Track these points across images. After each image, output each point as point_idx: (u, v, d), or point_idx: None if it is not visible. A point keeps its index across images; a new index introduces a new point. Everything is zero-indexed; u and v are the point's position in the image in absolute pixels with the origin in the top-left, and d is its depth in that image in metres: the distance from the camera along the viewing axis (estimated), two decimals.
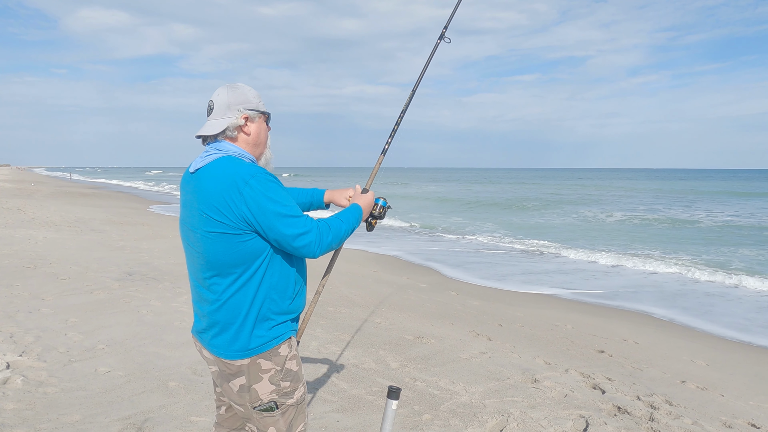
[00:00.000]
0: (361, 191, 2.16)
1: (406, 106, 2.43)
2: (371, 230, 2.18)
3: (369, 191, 2.15)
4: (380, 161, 2.35)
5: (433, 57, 2.53)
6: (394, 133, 2.38)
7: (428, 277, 9.93)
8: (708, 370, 5.43)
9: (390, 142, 2.37)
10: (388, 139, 2.38)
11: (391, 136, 2.38)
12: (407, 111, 2.45)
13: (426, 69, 2.49)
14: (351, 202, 2.06)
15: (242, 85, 1.88)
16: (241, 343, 1.75)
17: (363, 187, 2.20)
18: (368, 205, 2.09)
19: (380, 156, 2.36)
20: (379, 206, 2.16)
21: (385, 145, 2.37)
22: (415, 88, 2.46)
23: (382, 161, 2.37)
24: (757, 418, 4.05)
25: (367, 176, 2.37)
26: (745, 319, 8.02)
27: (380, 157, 2.36)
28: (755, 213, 27.40)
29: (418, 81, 2.45)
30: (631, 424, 3.65)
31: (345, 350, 4.90)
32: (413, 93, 2.45)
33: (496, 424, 3.50)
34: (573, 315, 7.55)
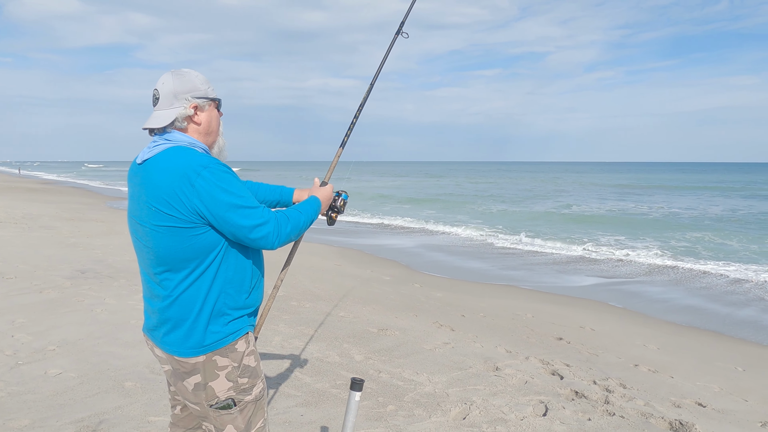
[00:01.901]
0: (320, 184, 2.14)
1: (365, 99, 2.45)
2: (332, 224, 2.16)
3: (328, 184, 2.14)
4: (339, 154, 2.36)
5: (391, 51, 2.55)
6: (353, 126, 2.40)
7: (392, 270, 9.97)
8: (659, 353, 5.67)
9: (349, 134, 2.39)
10: (347, 132, 2.39)
11: (349, 129, 2.40)
12: (369, 104, 2.47)
13: (384, 63, 2.51)
14: (309, 195, 2.03)
15: (189, 71, 1.80)
16: (196, 340, 1.70)
17: (322, 180, 2.18)
18: (327, 197, 2.07)
19: (339, 149, 2.37)
20: (341, 199, 2.15)
21: (344, 137, 2.37)
22: (373, 82, 2.48)
23: (341, 154, 2.37)
24: (703, 397, 4.27)
25: (337, 170, 2.37)
26: (694, 303, 8.42)
27: (339, 150, 2.36)
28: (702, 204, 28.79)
29: (375, 75, 2.47)
30: (587, 408, 3.78)
31: (309, 344, 4.86)
32: (371, 87, 2.47)
33: (459, 413, 3.55)
34: (534, 304, 7.74)
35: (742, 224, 19.81)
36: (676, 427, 3.58)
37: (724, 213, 24.10)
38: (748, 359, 5.75)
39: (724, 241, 15.35)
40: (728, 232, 17.50)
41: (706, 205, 28.37)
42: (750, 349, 6.23)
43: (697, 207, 27.12)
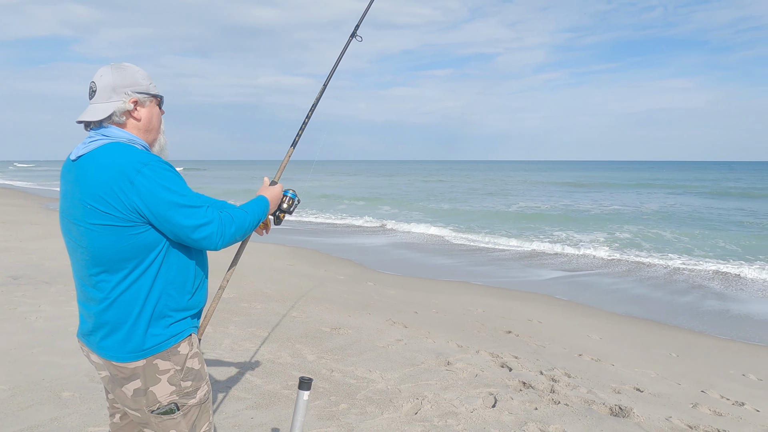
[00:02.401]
0: (269, 183, 2.10)
1: (317, 100, 2.46)
2: (279, 224, 2.13)
3: (277, 183, 2.11)
4: (290, 154, 2.36)
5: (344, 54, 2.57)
6: (304, 126, 2.40)
7: (346, 269, 9.95)
8: (601, 343, 5.93)
9: (300, 134, 2.39)
10: (298, 132, 2.39)
11: (301, 129, 2.40)
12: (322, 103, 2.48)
13: (337, 66, 2.54)
14: (257, 194, 2.00)
15: (129, 65, 1.73)
16: (135, 344, 1.63)
17: (272, 180, 2.15)
18: (275, 197, 2.04)
19: (290, 148, 2.37)
20: (288, 198, 2.12)
21: (296, 137, 2.38)
22: (326, 83, 2.50)
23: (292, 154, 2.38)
24: (640, 383, 4.50)
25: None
26: (635, 294, 8.87)
27: (290, 150, 2.36)
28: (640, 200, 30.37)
29: (328, 78, 2.50)
30: (534, 397, 3.91)
31: (260, 346, 4.78)
32: (324, 88, 2.49)
33: (411, 408, 3.59)
34: (485, 299, 7.92)
35: (677, 219, 21.03)
36: (616, 412, 3.76)
37: (661, 208, 25.51)
38: (682, 345, 6.11)
39: (662, 234, 16.25)
40: (665, 226, 18.53)
41: (644, 201, 29.92)
42: (684, 336, 6.62)
43: (636, 203, 28.57)
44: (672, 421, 3.65)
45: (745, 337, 6.71)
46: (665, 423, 3.61)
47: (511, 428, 3.35)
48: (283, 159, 2.35)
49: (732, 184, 46.78)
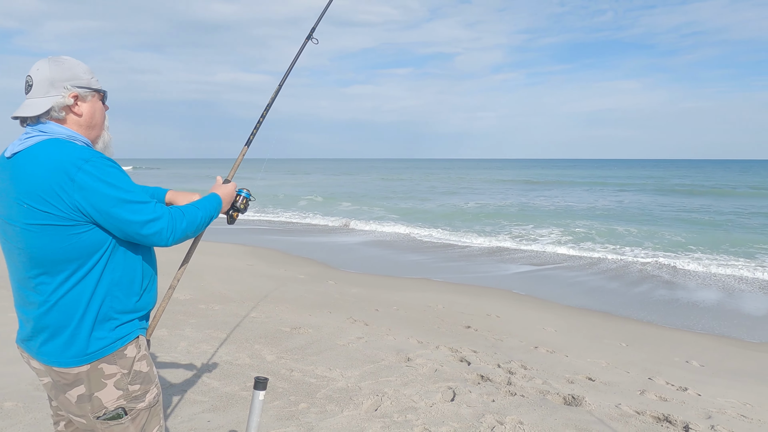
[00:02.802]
0: (222, 182, 2.07)
1: (272, 100, 2.47)
2: (232, 223, 2.10)
3: (231, 182, 2.08)
4: (244, 153, 2.36)
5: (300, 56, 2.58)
6: (259, 125, 2.41)
7: (307, 268, 9.87)
8: (556, 335, 6.12)
9: (255, 133, 2.39)
10: (253, 131, 2.39)
11: (255, 128, 2.40)
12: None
13: (292, 68, 2.56)
14: (210, 192, 1.97)
15: (68, 59, 1.66)
16: (78, 348, 1.57)
17: (225, 178, 2.12)
18: (228, 195, 2.01)
19: (244, 147, 2.37)
20: (242, 197, 2.10)
21: (250, 136, 2.37)
22: (281, 84, 2.51)
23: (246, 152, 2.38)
24: (592, 373, 4.67)
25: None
26: (588, 287, 9.19)
27: (244, 149, 2.36)
28: (593, 197, 31.50)
29: (283, 79, 2.51)
30: (492, 390, 3.99)
31: (218, 348, 4.68)
32: (278, 89, 2.50)
33: (371, 405, 3.60)
34: (445, 296, 8.03)
35: (627, 214, 21.92)
36: (569, 401, 3.89)
37: (612, 204, 26.53)
38: (631, 335, 6.38)
39: (613, 229, 16.90)
40: (615, 221, 19.29)
41: (596, 198, 31.04)
42: (633, 326, 6.91)
43: (590, 200, 29.61)
44: (621, 407, 3.81)
45: (688, 325, 7.07)
46: (615, 410, 3.76)
47: (468, 421, 3.41)
48: (237, 157, 2.33)
49: (677, 181, 49.15)
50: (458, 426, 3.33)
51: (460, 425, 3.34)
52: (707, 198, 30.79)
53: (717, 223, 19.31)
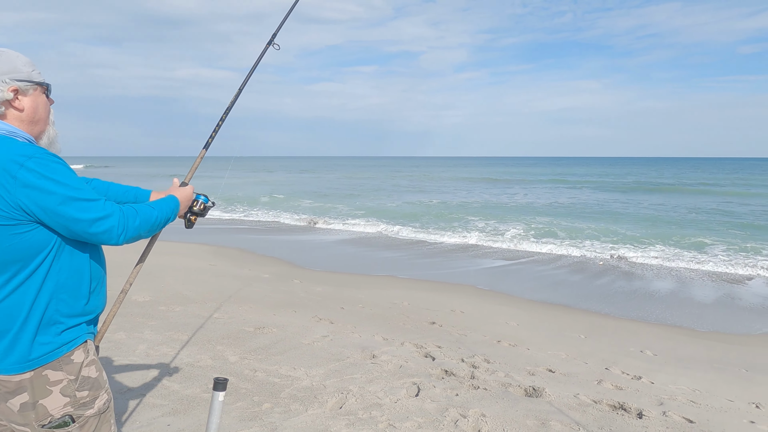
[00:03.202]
0: (179, 184, 2.03)
1: (232, 104, 2.44)
2: (190, 227, 2.06)
3: (188, 185, 2.04)
4: (202, 155, 2.31)
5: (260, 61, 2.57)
6: (218, 129, 2.37)
7: (272, 268, 9.75)
8: (518, 329, 6.26)
9: (214, 136, 2.36)
10: (212, 134, 2.35)
11: (214, 131, 2.36)
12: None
13: (252, 73, 2.54)
14: (167, 194, 1.92)
15: (6, 51, 1.58)
16: (20, 354, 1.50)
17: (182, 181, 2.08)
18: (186, 198, 1.97)
19: (202, 150, 2.32)
20: (200, 202, 2.06)
21: (209, 139, 2.34)
22: (241, 88, 2.48)
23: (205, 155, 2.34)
24: (552, 365, 4.80)
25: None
26: (550, 281, 9.43)
27: (202, 152, 2.32)
28: (552, 193, 32.33)
29: (243, 84, 2.49)
30: (456, 384, 4.05)
31: (178, 350, 4.57)
32: (239, 92, 2.48)
33: (336, 402, 3.59)
34: (410, 292, 8.09)
35: (585, 211, 22.59)
36: (530, 393, 3.98)
37: (572, 201, 27.30)
38: (589, 327, 6.59)
39: (572, 225, 17.39)
40: (575, 217, 19.86)
41: (557, 194, 31.88)
42: (592, 318, 7.14)
43: (550, 196, 30.38)
44: (579, 397, 3.93)
45: (643, 316, 7.35)
46: (573, 400, 3.88)
47: (432, 415, 3.45)
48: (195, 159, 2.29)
49: (633, 179, 50.98)
50: (422, 421, 3.36)
51: (424, 420, 3.38)
52: (661, 195, 32.08)
53: (670, 218, 20.15)
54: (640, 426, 3.47)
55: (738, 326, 7.04)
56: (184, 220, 2.04)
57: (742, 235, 15.42)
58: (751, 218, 19.79)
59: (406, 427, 3.27)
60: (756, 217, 20.22)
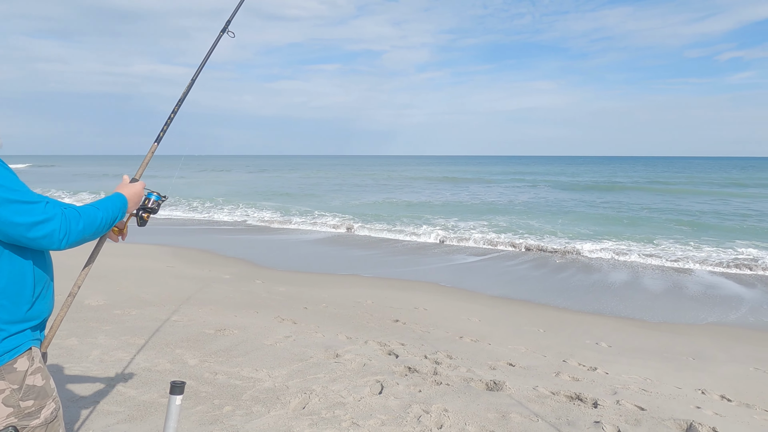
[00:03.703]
0: (129, 181, 1.95)
1: (184, 95, 2.38)
2: (143, 225, 1.99)
3: (138, 181, 1.97)
4: (153, 150, 2.24)
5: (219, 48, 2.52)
6: (170, 122, 2.31)
7: (233, 268, 9.57)
8: (480, 325, 6.37)
9: (165, 129, 2.29)
10: (163, 127, 2.29)
11: (166, 124, 2.30)
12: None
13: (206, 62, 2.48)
14: (114, 191, 1.84)
15: None
16: None
17: (132, 177, 2.00)
18: (135, 195, 1.89)
19: (154, 144, 2.25)
20: (152, 200, 2.00)
21: (160, 132, 2.29)
22: (195, 77, 2.42)
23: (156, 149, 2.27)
24: (513, 359, 4.91)
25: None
26: (511, 277, 9.64)
27: (153, 146, 2.25)
28: (512, 192, 33.07)
29: (196, 73, 2.43)
30: (419, 381, 4.09)
31: (135, 355, 4.42)
32: (191, 83, 2.42)
33: (299, 403, 3.57)
34: (374, 291, 8.10)
35: (543, 208, 23.21)
36: (491, 387, 4.07)
37: (531, 199, 27.99)
38: (548, 321, 6.78)
39: (530, 223, 17.84)
40: (533, 215, 20.37)
41: (516, 193, 32.61)
42: (550, 312, 7.34)
43: (510, 195, 31.06)
44: (538, 389, 4.04)
45: (598, 309, 7.62)
46: (532, 392, 3.98)
47: (396, 412, 3.47)
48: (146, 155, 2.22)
49: (589, 178, 52.69)
50: (386, 418, 3.38)
51: (388, 417, 3.39)
52: (615, 193, 33.29)
53: (623, 215, 20.94)
54: (596, 415, 3.59)
55: (685, 317, 7.39)
56: (136, 218, 1.98)
57: (689, 231, 16.21)
58: (697, 215, 20.82)
59: (370, 424, 3.28)
60: (701, 214, 21.28)
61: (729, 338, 6.39)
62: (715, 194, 30.77)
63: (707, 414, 3.80)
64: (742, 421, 3.73)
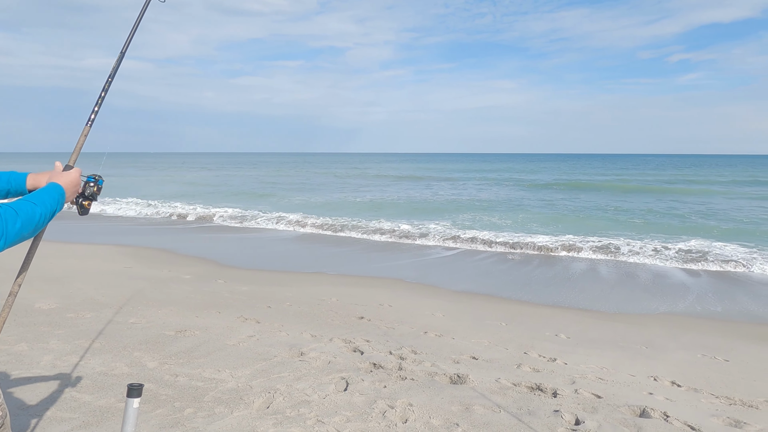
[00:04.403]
0: (63, 168, 1.81)
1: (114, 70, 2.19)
2: (84, 213, 1.86)
3: (73, 168, 1.83)
4: (86, 133, 2.05)
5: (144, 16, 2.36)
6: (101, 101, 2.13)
7: (193, 268, 9.34)
8: (444, 320, 6.45)
9: (97, 111, 2.11)
10: (94, 108, 2.10)
11: (97, 104, 2.12)
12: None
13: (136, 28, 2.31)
14: (48, 181, 1.73)
15: None
16: None
17: (66, 164, 1.87)
18: (72, 183, 1.76)
19: (86, 126, 2.06)
20: (92, 184, 1.87)
21: (91, 114, 2.08)
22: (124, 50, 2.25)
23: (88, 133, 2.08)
24: (476, 351, 5.00)
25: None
26: (474, 272, 9.80)
27: (86, 128, 2.05)
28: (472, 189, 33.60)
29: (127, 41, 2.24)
30: (384, 376, 4.11)
31: (90, 359, 4.26)
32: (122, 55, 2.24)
33: (263, 402, 3.52)
34: (338, 288, 8.08)
35: (503, 205, 23.70)
36: (455, 380, 4.13)
37: (490, 197, 28.53)
38: (510, 315, 6.93)
39: (491, 219, 18.18)
40: (495, 211, 20.77)
41: (477, 191, 33.15)
42: (511, 306, 7.51)
43: (471, 192, 31.55)
44: (500, 381, 4.13)
45: (557, 302, 7.85)
46: (495, 384, 4.07)
47: (361, 408, 3.48)
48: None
49: (548, 175, 54.09)
50: (351, 414, 3.38)
51: (353, 413, 3.40)
52: (572, 190, 34.31)
53: (580, 212, 21.61)
54: (555, 404, 3.70)
55: (638, 307, 7.71)
56: (76, 206, 1.85)
57: (641, 226, 16.89)
58: (648, 212, 21.71)
59: (335, 421, 3.27)
60: (651, 211, 22.20)
61: (678, 327, 6.70)
62: (665, 191, 32.18)
63: (659, 399, 3.98)
64: (690, 405, 3.93)
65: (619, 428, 3.35)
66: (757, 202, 24.91)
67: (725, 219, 18.69)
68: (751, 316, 7.37)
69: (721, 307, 7.82)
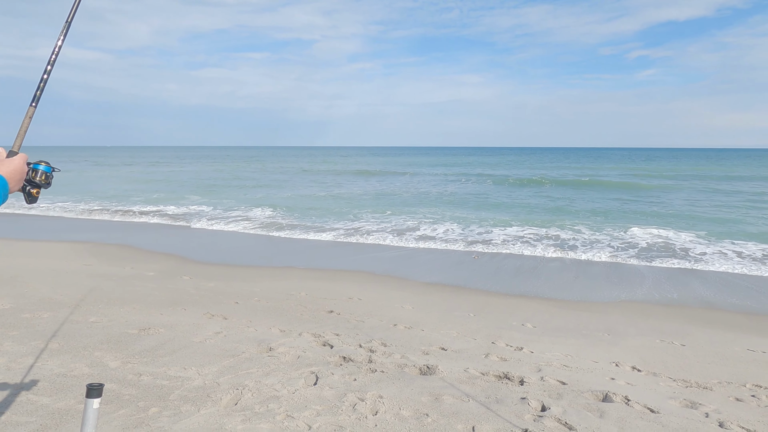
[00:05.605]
0: (6, 155, 1.67)
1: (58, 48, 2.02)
2: (33, 202, 1.73)
3: (18, 154, 1.69)
4: (31, 114, 1.86)
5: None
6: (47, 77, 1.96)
7: (157, 265, 9.10)
8: (413, 312, 6.49)
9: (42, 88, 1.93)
10: (39, 84, 1.93)
11: (42, 81, 1.95)
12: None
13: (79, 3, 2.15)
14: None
15: None
16: None
17: (9, 149, 1.73)
18: (16, 172, 1.62)
19: (30, 108, 1.86)
20: (40, 172, 1.72)
21: (37, 91, 1.88)
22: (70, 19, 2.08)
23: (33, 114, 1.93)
24: (445, 343, 5.06)
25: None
26: (442, 264, 9.88)
27: (30, 109, 1.86)
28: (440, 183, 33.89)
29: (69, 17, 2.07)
30: (354, 369, 4.10)
31: (47, 360, 4.10)
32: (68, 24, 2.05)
33: (231, 399, 3.47)
34: (307, 282, 8.02)
35: (471, 199, 24.00)
36: (424, 371, 4.16)
37: (457, 190, 28.84)
38: (478, 306, 7.03)
39: (461, 215, 18.38)
40: (462, 205, 21.01)
41: (444, 185, 33.46)
42: (479, 297, 7.62)
43: (439, 187, 31.83)
44: (469, 371, 4.19)
45: (523, 292, 8.01)
46: (464, 374, 4.12)
47: (331, 402, 3.47)
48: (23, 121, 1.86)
49: (513, 170, 55.03)
50: (321, 408, 3.36)
51: (323, 407, 3.38)
52: (536, 186, 35.03)
53: (543, 205, 22.08)
54: (522, 392, 3.78)
55: (600, 296, 7.95)
56: (24, 194, 1.73)
57: (599, 220, 17.40)
58: (609, 203, 22.39)
59: (305, 416, 3.25)
60: (605, 203, 22.90)
61: (637, 314, 6.95)
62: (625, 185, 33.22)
63: (620, 384, 4.12)
64: (650, 389, 4.08)
65: (583, 413, 3.45)
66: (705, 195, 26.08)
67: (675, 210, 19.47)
68: (705, 302, 7.71)
69: (677, 293, 8.14)
